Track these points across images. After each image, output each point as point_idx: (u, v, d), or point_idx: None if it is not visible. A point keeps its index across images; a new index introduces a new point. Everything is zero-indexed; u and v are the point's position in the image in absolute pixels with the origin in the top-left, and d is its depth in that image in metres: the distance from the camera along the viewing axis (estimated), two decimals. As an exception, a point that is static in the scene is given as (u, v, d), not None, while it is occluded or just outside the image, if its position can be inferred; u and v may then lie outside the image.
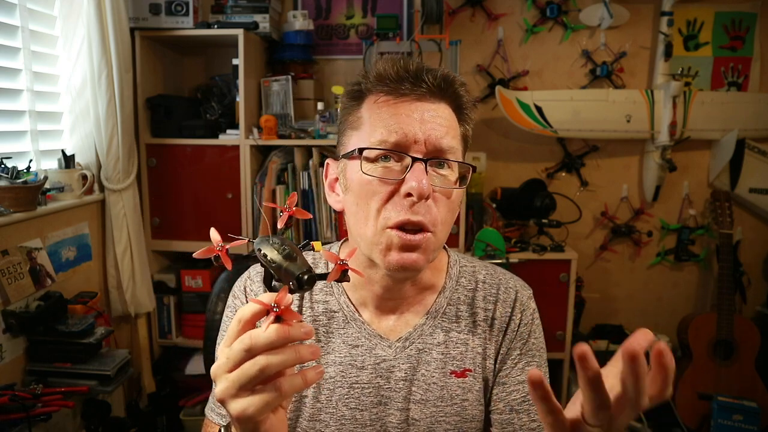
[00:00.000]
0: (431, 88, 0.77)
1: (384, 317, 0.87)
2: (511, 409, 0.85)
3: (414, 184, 0.72)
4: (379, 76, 0.79)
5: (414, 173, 0.73)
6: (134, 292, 2.09)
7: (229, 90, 2.28)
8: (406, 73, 0.77)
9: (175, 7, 2.11)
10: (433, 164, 0.76)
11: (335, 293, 0.89)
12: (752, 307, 2.57)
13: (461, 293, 0.90)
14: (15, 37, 1.73)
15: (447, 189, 0.77)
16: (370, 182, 0.76)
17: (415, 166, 0.74)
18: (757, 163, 2.45)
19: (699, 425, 2.27)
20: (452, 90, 0.79)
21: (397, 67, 0.78)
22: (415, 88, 0.77)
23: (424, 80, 0.77)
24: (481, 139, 2.52)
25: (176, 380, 2.30)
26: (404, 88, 0.77)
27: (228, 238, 0.61)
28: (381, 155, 0.76)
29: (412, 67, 0.78)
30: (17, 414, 1.37)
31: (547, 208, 2.31)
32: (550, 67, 2.49)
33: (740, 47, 2.45)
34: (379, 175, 0.76)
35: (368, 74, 0.81)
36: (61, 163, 1.87)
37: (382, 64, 0.79)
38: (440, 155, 0.77)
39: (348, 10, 2.50)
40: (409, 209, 0.74)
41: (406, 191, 0.73)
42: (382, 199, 0.76)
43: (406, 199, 0.74)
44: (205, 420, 0.89)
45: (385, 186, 0.75)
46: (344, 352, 0.86)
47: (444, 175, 0.77)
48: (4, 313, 1.53)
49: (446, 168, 0.78)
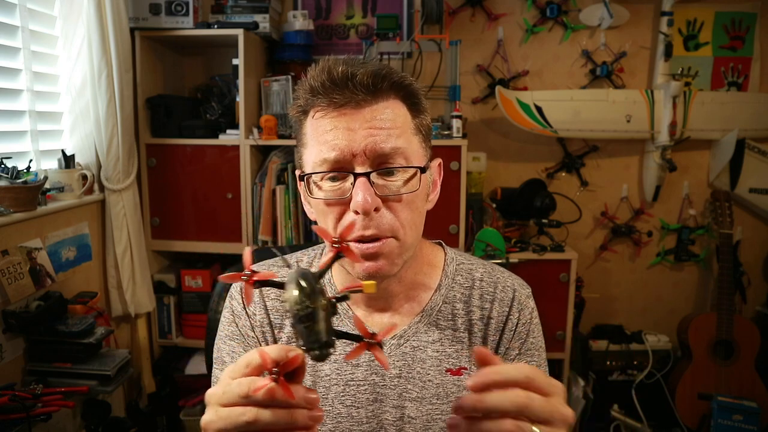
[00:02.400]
0: (365, 91, 0.74)
1: (377, 315, 0.88)
2: None
3: (359, 201, 0.72)
4: (311, 90, 0.76)
5: (357, 190, 0.73)
6: (134, 292, 2.09)
7: (229, 90, 2.28)
8: (332, 84, 0.74)
9: (175, 7, 2.11)
10: (381, 172, 0.75)
11: (328, 291, 0.89)
12: (752, 307, 2.57)
13: (457, 291, 0.89)
14: (15, 37, 1.73)
15: (401, 197, 0.76)
16: (319, 203, 0.77)
17: (357, 182, 0.73)
18: (757, 163, 2.45)
19: (699, 425, 2.28)
20: (390, 84, 0.76)
21: (322, 78, 0.74)
22: (348, 95, 0.73)
23: (352, 85, 0.73)
24: (481, 139, 2.52)
25: (176, 380, 2.30)
26: (336, 98, 0.74)
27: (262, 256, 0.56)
28: (324, 177, 0.76)
29: (338, 74, 0.73)
30: (17, 414, 1.37)
31: (547, 208, 2.31)
32: (550, 67, 2.49)
33: (740, 47, 2.45)
34: (325, 197, 0.76)
35: (306, 85, 0.77)
36: (61, 163, 1.87)
37: (311, 74, 0.76)
38: (385, 160, 0.75)
39: (348, 10, 2.50)
40: (360, 225, 0.74)
41: (353, 209, 0.73)
42: (335, 218, 0.76)
43: (357, 216, 0.74)
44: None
45: (336, 206, 0.76)
46: (339, 350, 0.86)
47: (394, 181, 0.76)
48: (4, 313, 1.53)
49: (396, 172, 0.76)
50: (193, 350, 2.35)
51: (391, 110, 0.76)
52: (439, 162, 0.89)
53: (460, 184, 2.12)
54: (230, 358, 0.87)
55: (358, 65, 0.75)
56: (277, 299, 0.89)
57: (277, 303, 0.89)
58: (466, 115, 2.39)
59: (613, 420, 2.35)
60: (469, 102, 2.51)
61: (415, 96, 0.80)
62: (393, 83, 0.76)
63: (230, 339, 0.88)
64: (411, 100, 0.80)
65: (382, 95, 0.76)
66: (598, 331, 2.52)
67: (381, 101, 0.76)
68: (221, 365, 0.88)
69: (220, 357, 0.88)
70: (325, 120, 0.75)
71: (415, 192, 0.77)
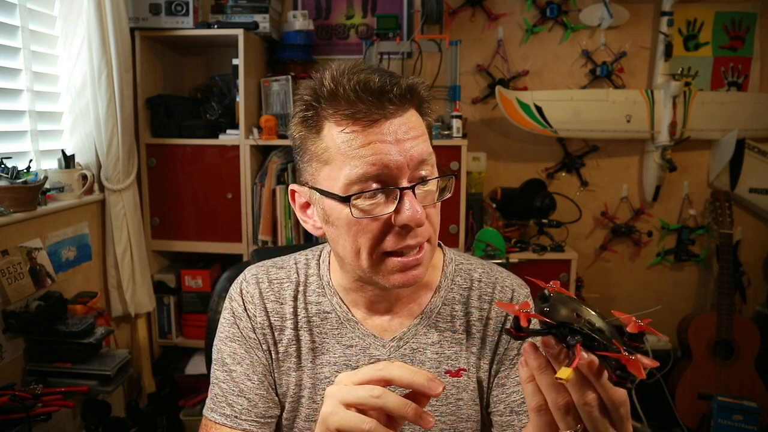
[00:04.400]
0: (399, 103, 0.72)
1: (378, 317, 0.87)
2: (511, 410, 0.85)
3: (409, 215, 0.71)
4: (335, 99, 0.71)
5: (406, 204, 0.71)
6: (134, 292, 2.09)
7: (229, 90, 2.28)
8: (366, 94, 0.69)
9: (175, 7, 2.11)
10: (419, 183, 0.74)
11: (328, 294, 0.89)
12: (752, 307, 2.57)
13: (456, 292, 0.89)
14: (15, 37, 1.72)
15: (436, 204, 0.77)
16: (359, 221, 0.73)
17: (406, 196, 0.71)
18: (757, 163, 2.45)
19: (699, 425, 2.28)
20: (417, 95, 0.75)
21: (355, 87, 0.69)
22: (381, 107, 0.70)
23: (390, 98, 0.70)
24: (481, 139, 2.52)
25: (176, 380, 2.30)
26: (367, 110, 0.70)
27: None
28: (366, 195, 0.72)
29: (374, 85, 0.69)
30: (17, 414, 1.37)
31: (547, 208, 2.31)
32: (550, 67, 2.49)
33: (740, 47, 2.45)
34: (368, 215, 0.72)
35: (319, 96, 0.72)
36: (61, 163, 1.87)
37: (334, 82, 0.71)
38: (421, 167, 0.74)
39: (348, 10, 2.50)
40: (406, 236, 0.74)
41: (403, 223, 0.71)
42: (375, 234, 0.74)
43: (403, 229, 0.73)
44: (204, 421, 0.88)
45: (377, 222, 0.73)
46: (339, 353, 0.86)
47: (429, 190, 0.76)
48: (4, 313, 1.53)
49: (429, 181, 0.76)
50: (193, 350, 2.35)
51: (416, 117, 0.76)
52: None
53: (460, 184, 2.12)
54: (231, 359, 0.87)
55: (387, 77, 0.71)
56: (276, 302, 0.88)
57: (277, 306, 0.88)
58: (466, 115, 2.39)
59: (613, 420, 2.35)
60: (469, 102, 2.51)
61: (426, 101, 0.80)
62: (419, 94, 0.75)
63: (231, 341, 0.88)
64: (422, 104, 0.79)
65: (407, 105, 0.74)
66: (598, 331, 2.52)
67: (407, 111, 0.74)
68: (222, 366, 0.88)
69: (221, 358, 0.88)
70: (357, 134, 0.71)
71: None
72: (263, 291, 0.89)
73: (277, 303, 0.89)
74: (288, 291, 0.89)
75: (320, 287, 0.89)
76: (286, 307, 0.88)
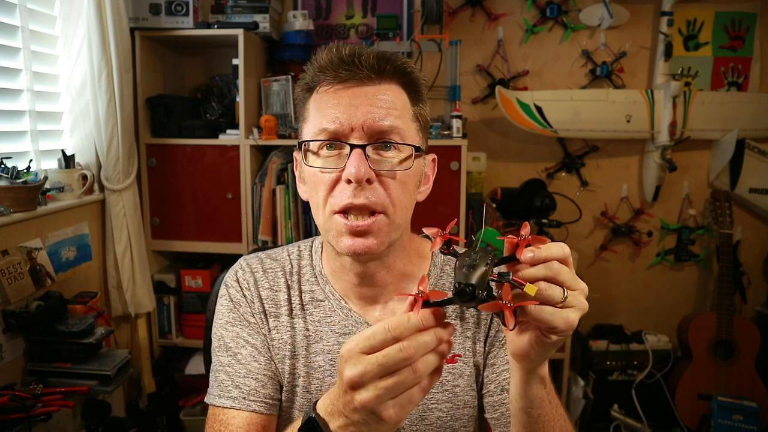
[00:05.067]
0: (370, 70, 0.77)
1: (370, 307, 0.88)
2: (502, 389, 0.86)
3: (352, 170, 0.74)
4: (320, 66, 0.80)
5: (352, 160, 0.75)
6: (134, 292, 2.09)
7: (229, 90, 2.28)
8: (340, 59, 0.78)
9: (175, 7, 2.11)
10: (378, 147, 0.77)
11: (320, 282, 0.90)
12: (752, 307, 2.57)
13: (446, 281, 0.90)
14: (15, 37, 1.72)
15: (392, 171, 0.78)
16: (315, 173, 0.79)
17: (353, 153, 0.75)
18: (757, 163, 2.45)
19: (699, 425, 2.28)
20: (393, 68, 0.80)
21: (331, 55, 0.79)
22: (353, 72, 0.77)
23: (358, 63, 0.77)
24: (481, 139, 2.52)
25: (176, 380, 2.30)
26: (342, 74, 0.78)
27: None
28: (322, 146, 0.79)
29: (346, 51, 0.78)
30: (17, 414, 1.37)
31: (547, 208, 2.31)
32: (550, 67, 2.49)
33: (740, 47, 2.45)
34: (320, 166, 0.78)
35: (311, 64, 0.82)
36: (61, 163, 1.87)
37: (320, 53, 0.81)
38: (382, 137, 0.77)
39: (348, 10, 2.50)
40: (351, 194, 0.75)
41: (346, 177, 0.75)
42: (328, 187, 0.78)
43: (349, 185, 0.75)
44: (212, 411, 0.86)
45: (329, 174, 0.78)
46: (332, 341, 0.87)
47: (389, 158, 0.78)
48: (4, 313, 1.53)
49: (393, 150, 0.78)
50: (193, 350, 2.35)
51: (392, 93, 0.79)
52: (433, 157, 0.90)
53: (460, 184, 2.11)
54: (235, 343, 0.87)
55: (365, 48, 0.80)
56: (271, 289, 0.89)
57: (272, 293, 0.89)
58: (466, 115, 2.38)
59: (613, 420, 2.35)
60: (469, 102, 2.51)
61: (416, 84, 0.83)
62: (396, 67, 0.80)
63: (232, 325, 0.88)
64: (412, 87, 0.82)
65: (385, 78, 0.79)
66: (598, 331, 2.52)
67: (384, 83, 0.79)
68: (225, 351, 0.87)
69: (224, 343, 0.88)
70: (328, 94, 0.79)
71: (407, 171, 0.79)
72: (258, 279, 0.90)
73: (271, 291, 0.90)
74: (282, 280, 0.90)
75: (313, 276, 0.91)
76: (281, 295, 0.90)
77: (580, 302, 0.57)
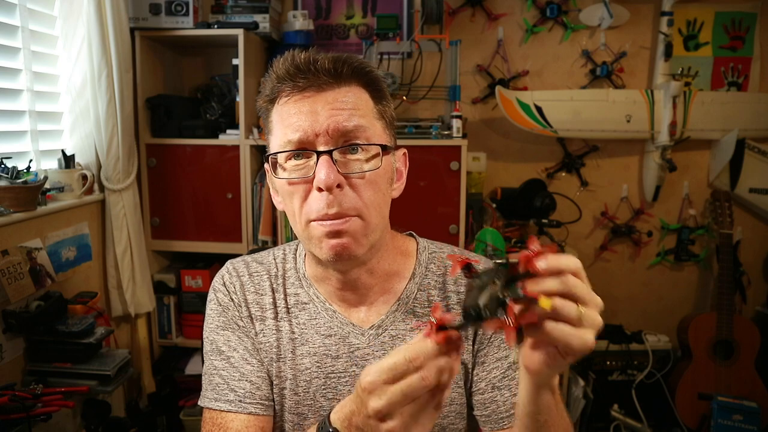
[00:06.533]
0: (327, 74, 0.77)
1: (354, 309, 0.88)
2: (492, 386, 0.86)
3: (321, 177, 0.74)
4: (277, 77, 0.79)
5: (320, 167, 0.74)
6: (134, 292, 2.09)
7: (229, 90, 2.28)
8: (296, 68, 0.77)
9: (175, 7, 2.11)
10: (344, 151, 0.77)
11: (305, 285, 0.90)
12: (752, 307, 2.57)
13: (431, 279, 0.90)
14: (15, 37, 1.72)
15: (361, 173, 0.77)
16: (286, 184, 0.79)
17: (320, 160, 0.75)
18: (757, 163, 2.45)
19: (699, 425, 2.28)
20: (351, 69, 0.79)
21: (287, 64, 0.78)
22: (311, 79, 0.77)
23: (315, 69, 0.76)
24: (481, 139, 2.52)
25: (176, 380, 2.30)
26: (300, 82, 0.77)
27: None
28: (289, 156, 0.78)
29: (302, 58, 0.77)
30: (17, 414, 1.37)
31: (547, 208, 2.31)
32: (550, 67, 2.49)
33: (740, 47, 2.45)
34: (289, 177, 0.78)
35: (270, 77, 0.80)
36: (61, 163, 1.87)
37: (276, 63, 0.80)
38: (349, 138, 0.77)
39: (348, 10, 2.50)
40: (324, 203, 0.75)
41: (316, 185, 0.75)
42: (301, 197, 0.78)
43: (320, 193, 0.75)
44: (207, 414, 0.87)
45: (300, 185, 0.77)
46: (318, 343, 0.87)
47: (357, 160, 0.78)
48: (4, 313, 1.53)
49: (360, 151, 0.78)
50: (193, 350, 2.35)
51: (353, 94, 0.79)
52: (404, 152, 0.89)
53: (460, 184, 2.11)
54: (227, 347, 0.88)
55: (320, 53, 0.79)
56: (256, 293, 0.90)
57: (257, 297, 0.90)
58: (466, 115, 2.39)
59: (613, 420, 2.35)
60: (469, 102, 2.51)
61: (377, 83, 0.82)
62: (354, 68, 0.79)
63: (223, 329, 0.89)
64: (373, 86, 0.82)
65: (344, 80, 0.78)
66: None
67: (343, 86, 0.78)
68: (219, 355, 0.88)
69: (216, 348, 0.89)
70: (289, 105, 0.78)
71: (377, 171, 0.78)
72: (244, 283, 0.91)
73: (257, 294, 0.90)
74: (267, 283, 0.91)
75: (297, 279, 0.91)
76: (266, 299, 0.90)
77: (595, 319, 0.56)
